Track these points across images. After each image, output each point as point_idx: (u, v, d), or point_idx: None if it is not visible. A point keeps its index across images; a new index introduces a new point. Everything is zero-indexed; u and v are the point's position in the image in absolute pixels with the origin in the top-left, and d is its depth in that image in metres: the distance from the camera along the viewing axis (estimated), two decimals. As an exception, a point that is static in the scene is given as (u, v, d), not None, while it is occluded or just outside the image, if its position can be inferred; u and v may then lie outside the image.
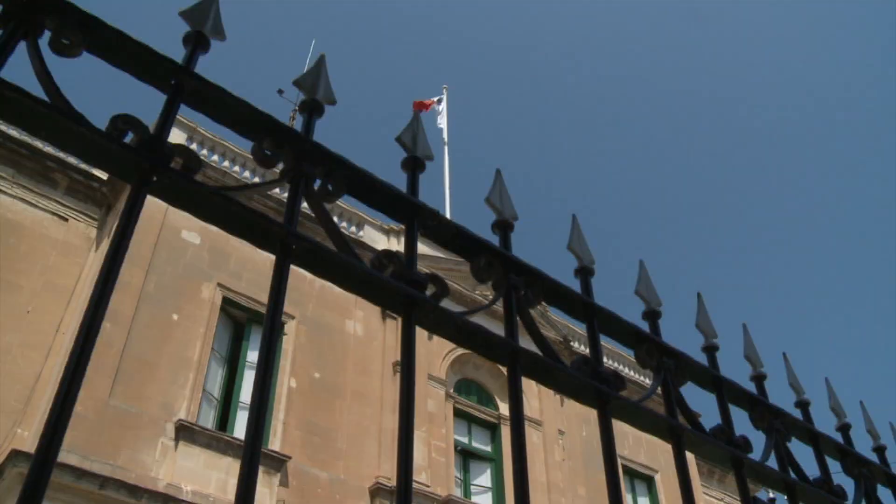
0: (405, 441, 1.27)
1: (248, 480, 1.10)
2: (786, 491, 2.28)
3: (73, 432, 12.02)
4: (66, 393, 1.02)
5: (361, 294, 1.37)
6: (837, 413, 2.70)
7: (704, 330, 2.23)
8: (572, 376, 1.56)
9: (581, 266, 1.83)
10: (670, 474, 21.98)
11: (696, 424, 1.91)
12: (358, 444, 15.40)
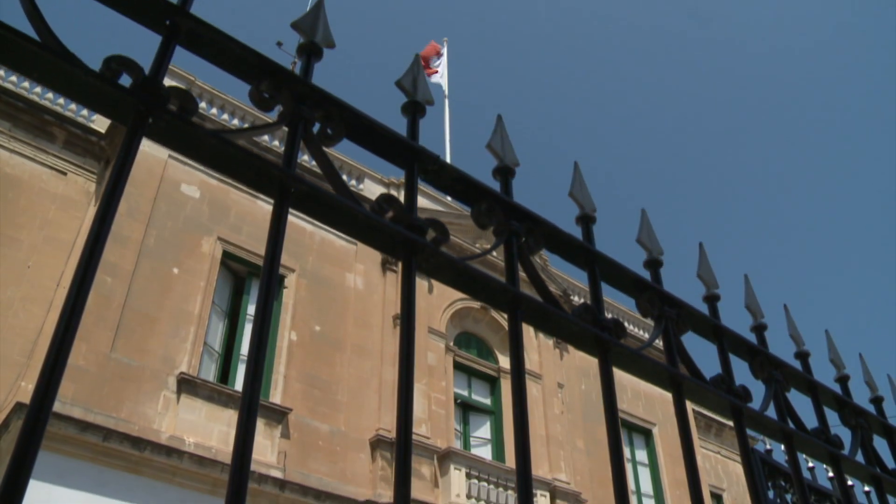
0: (405, 383, 1.27)
1: (246, 428, 1.09)
2: (784, 440, 2.29)
3: (75, 385, 12.12)
4: (64, 332, 1.01)
5: (361, 238, 1.35)
6: (836, 365, 2.71)
7: (706, 280, 2.22)
8: (573, 323, 1.55)
9: (582, 213, 1.82)
10: (668, 428, 22.22)
11: (697, 373, 1.91)
12: (358, 397, 15.53)
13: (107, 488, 11.74)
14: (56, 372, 1.01)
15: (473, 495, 15.57)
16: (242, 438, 1.08)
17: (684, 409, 1.84)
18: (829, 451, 2.49)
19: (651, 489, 20.91)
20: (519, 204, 1.61)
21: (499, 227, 1.56)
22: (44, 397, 0.98)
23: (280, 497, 13.28)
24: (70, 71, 1.16)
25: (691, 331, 2.06)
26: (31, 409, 0.98)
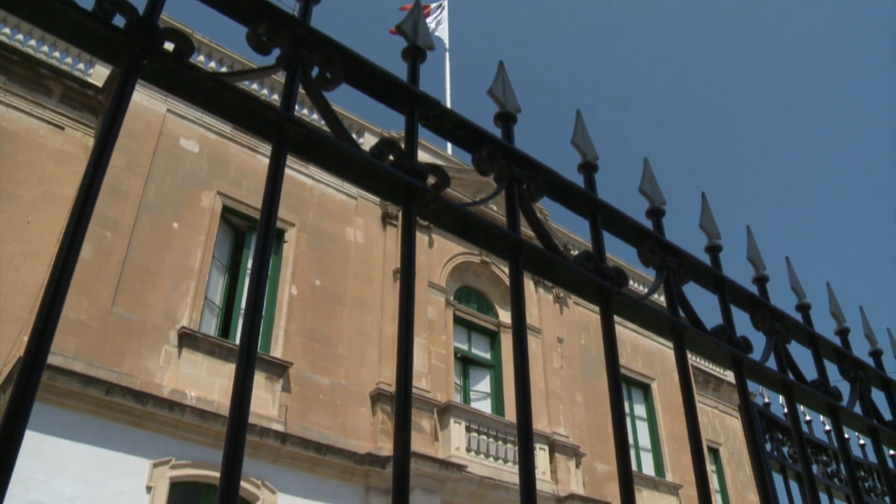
0: (405, 325, 1.26)
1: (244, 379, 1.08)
2: (784, 391, 2.29)
3: (77, 340, 12.18)
4: (59, 279, 1.00)
5: (360, 184, 1.33)
6: (837, 318, 2.71)
7: (708, 230, 2.20)
8: (575, 270, 1.54)
9: (585, 161, 1.79)
10: (666, 383, 22.39)
11: (698, 323, 1.91)
12: (359, 351, 15.62)
13: (110, 441, 11.87)
14: (50, 321, 1.00)
15: (473, 448, 15.75)
16: (241, 388, 1.07)
17: (685, 359, 1.84)
18: (827, 403, 2.49)
19: (649, 443, 21.15)
20: (521, 150, 1.59)
21: (500, 173, 1.54)
22: (37, 349, 0.97)
23: (281, 450, 13.42)
24: (62, 10, 1.13)
25: (693, 281, 2.05)
26: (25, 360, 0.97)
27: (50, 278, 1.01)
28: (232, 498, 0.99)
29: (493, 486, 15.47)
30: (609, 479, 18.93)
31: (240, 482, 1.00)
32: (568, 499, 16.53)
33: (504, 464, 16.07)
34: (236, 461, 1.01)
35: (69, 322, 12.25)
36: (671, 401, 22.23)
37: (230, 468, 1.01)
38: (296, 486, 13.46)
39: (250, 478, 12.98)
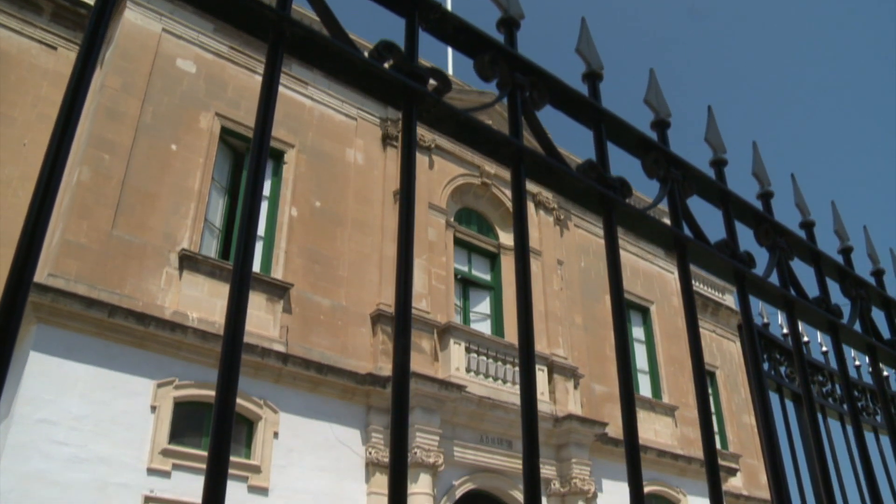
0: (405, 238, 1.24)
1: (238, 299, 1.06)
2: (785, 307, 2.29)
3: (78, 263, 12.21)
4: (44, 194, 0.97)
5: (359, 87, 1.29)
6: (840, 236, 2.69)
7: (713, 144, 2.16)
8: (578, 179, 1.51)
9: (589, 70, 1.74)
10: (665, 306, 22.55)
11: (701, 236, 1.89)
12: (359, 272, 15.68)
13: (114, 362, 12.01)
14: (35, 240, 0.97)
15: (473, 369, 15.95)
16: (235, 307, 1.05)
17: (688, 273, 1.83)
18: (828, 320, 2.50)
19: (647, 366, 21.41)
20: (524, 56, 1.54)
21: (502, 80, 1.50)
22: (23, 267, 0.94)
23: (283, 370, 13.59)
24: None
25: (697, 195, 2.02)
26: (10, 280, 0.94)
27: (33, 198, 0.98)
28: (227, 417, 0.98)
29: (492, 406, 15.72)
30: (607, 400, 19.23)
31: (235, 401, 0.99)
32: (566, 419, 16.81)
33: (503, 384, 16.30)
34: (231, 379, 1.00)
35: (70, 245, 12.27)
36: (669, 324, 22.43)
37: (225, 388, 1.00)
38: (297, 406, 13.68)
39: (252, 397, 13.18)
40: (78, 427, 11.31)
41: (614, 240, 1.57)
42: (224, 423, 0.96)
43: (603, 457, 17.88)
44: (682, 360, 22.05)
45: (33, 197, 1.01)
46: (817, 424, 2.39)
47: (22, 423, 10.90)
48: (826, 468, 2.26)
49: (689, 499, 19.72)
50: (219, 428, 0.94)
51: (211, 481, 0.91)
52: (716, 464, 1.66)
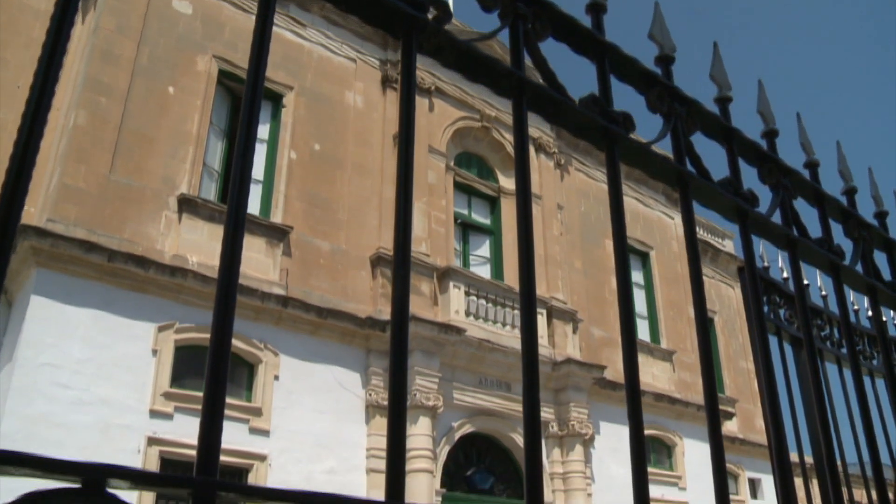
0: (404, 178, 1.20)
1: (233, 244, 1.03)
2: (788, 246, 2.27)
3: (77, 207, 12.17)
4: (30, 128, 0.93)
5: (358, 14, 1.24)
6: (845, 177, 2.66)
7: (718, 80, 2.11)
8: (580, 112, 1.47)
9: (593, 2, 1.69)
10: (665, 251, 22.58)
11: (704, 173, 1.86)
12: (359, 216, 15.65)
13: (115, 306, 12.05)
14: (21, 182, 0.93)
15: (472, 312, 16.02)
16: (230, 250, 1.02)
17: (690, 210, 1.80)
18: (830, 260, 2.48)
19: (645, 310, 21.51)
20: (525, -16, 1.49)
21: (504, 9, 1.45)
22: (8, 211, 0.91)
23: (283, 314, 13.65)
24: None
25: (700, 131, 1.99)
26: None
27: (17, 138, 0.94)
28: (223, 358, 0.96)
29: (492, 350, 15.83)
30: (605, 344, 19.36)
31: (231, 344, 0.96)
32: (564, 363, 16.94)
33: (502, 328, 16.39)
34: (227, 322, 0.97)
35: (68, 189, 12.21)
36: (669, 269, 22.48)
37: (220, 329, 0.98)
38: (298, 349, 13.77)
39: (253, 340, 13.27)
40: (80, 370, 11.40)
41: (616, 175, 1.54)
42: (220, 361, 0.94)
43: (601, 400, 18.07)
44: (681, 305, 22.15)
45: (17, 137, 0.97)
46: (818, 366, 2.38)
47: (25, 367, 10.98)
48: (825, 410, 2.26)
49: (684, 442, 19.98)
50: (214, 365, 0.91)
51: (207, 420, 0.89)
52: (716, 407, 1.65)
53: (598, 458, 17.58)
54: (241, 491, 0.84)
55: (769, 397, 1.87)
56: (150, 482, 0.79)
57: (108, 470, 0.78)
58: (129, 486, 0.81)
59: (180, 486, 0.82)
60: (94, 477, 0.78)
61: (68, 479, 0.78)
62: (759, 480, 22.71)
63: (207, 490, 0.82)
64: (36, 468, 0.74)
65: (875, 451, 2.43)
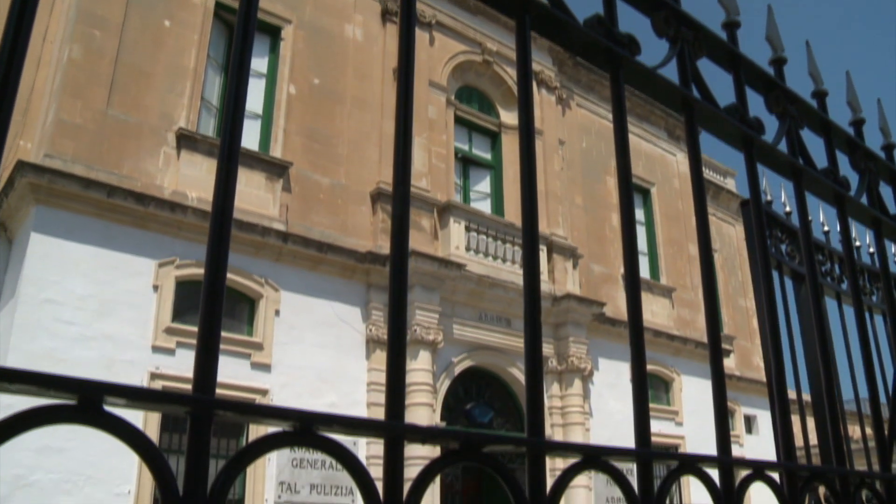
0: (403, 117, 1.17)
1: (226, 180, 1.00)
2: (793, 176, 2.24)
3: (74, 143, 12.08)
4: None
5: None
6: (853, 107, 2.62)
7: (726, 5, 2.06)
8: (585, 33, 1.42)
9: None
10: (666, 188, 22.51)
11: (710, 98, 1.82)
12: (359, 150, 15.55)
13: (115, 242, 12.05)
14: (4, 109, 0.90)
15: (472, 247, 16.04)
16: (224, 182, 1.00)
17: (696, 137, 1.77)
18: (835, 191, 2.45)
19: (646, 247, 21.53)
20: None
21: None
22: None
23: (283, 249, 13.66)
24: None
25: (707, 57, 1.94)
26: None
27: None
28: (219, 274, 0.94)
29: (491, 285, 15.89)
30: (605, 280, 19.43)
31: (225, 277, 0.94)
32: (564, 298, 17.02)
33: (502, 263, 16.43)
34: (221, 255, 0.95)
35: (64, 125, 12.10)
36: (670, 206, 22.44)
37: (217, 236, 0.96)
38: (298, 284, 13.83)
39: (253, 276, 13.31)
40: (83, 307, 11.46)
41: (621, 99, 1.51)
42: (216, 278, 0.92)
43: (600, 336, 18.20)
44: (681, 242, 22.17)
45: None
46: (819, 298, 2.38)
47: (28, 304, 11.03)
48: (827, 345, 2.26)
49: (682, 378, 20.20)
50: (210, 285, 0.90)
51: (204, 338, 0.88)
52: (718, 342, 1.64)
53: (596, 394, 17.79)
54: (238, 409, 0.83)
55: (770, 324, 1.87)
56: (148, 400, 0.78)
57: (105, 387, 0.77)
58: (126, 404, 0.80)
59: (178, 405, 0.81)
60: (90, 394, 0.77)
61: (65, 396, 0.77)
62: (755, 417, 23.04)
63: (205, 408, 0.81)
64: (32, 384, 0.73)
65: (874, 387, 2.43)
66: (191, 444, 0.81)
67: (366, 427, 0.94)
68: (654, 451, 1.35)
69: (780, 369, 1.97)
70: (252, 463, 0.87)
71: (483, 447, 1.05)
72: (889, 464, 2.57)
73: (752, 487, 1.59)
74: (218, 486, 0.81)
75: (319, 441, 0.88)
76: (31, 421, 0.74)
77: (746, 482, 1.69)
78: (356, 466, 0.91)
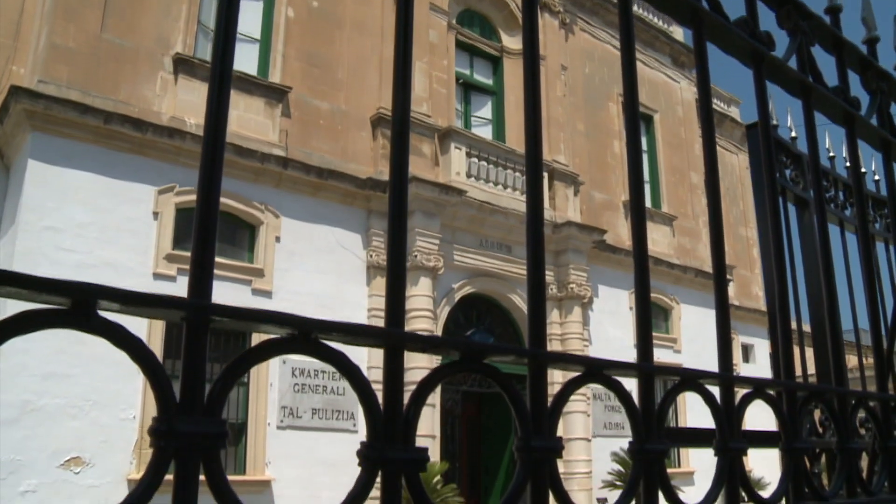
0: (403, 44, 1.12)
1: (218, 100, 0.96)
2: (802, 94, 2.20)
3: (69, 68, 11.90)
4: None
5: None
6: (868, 24, 2.55)
7: (738, -88, 1.98)
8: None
9: None
10: (669, 115, 22.31)
11: (720, 11, 1.77)
12: (359, 75, 15.34)
13: (114, 169, 11.99)
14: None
15: (473, 174, 15.96)
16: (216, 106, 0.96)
17: (704, 51, 1.72)
18: (845, 110, 2.40)
19: (648, 175, 21.42)
20: None
21: None
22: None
23: (283, 175, 13.60)
24: None
25: (717, -31, 1.87)
26: None
27: None
28: (216, 160, 0.91)
29: (492, 211, 15.87)
30: (605, 208, 19.39)
31: (219, 202, 0.91)
32: (565, 225, 17.02)
33: (503, 189, 16.37)
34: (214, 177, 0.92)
35: (57, 49, 11.90)
36: (673, 134, 22.25)
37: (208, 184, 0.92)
38: (298, 210, 13.80)
39: (253, 202, 13.27)
40: (83, 234, 11.45)
41: (627, 6, 1.45)
42: (213, 158, 0.89)
43: (600, 263, 18.26)
44: (683, 170, 22.07)
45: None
46: (824, 220, 2.35)
47: (28, 231, 11.03)
48: (831, 272, 2.24)
49: (681, 306, 20.33)
50: (206, 171, 0.87)
51: (200, 238, 0.86)
52: (723, 273, 1.62)
53: (595, 321, 17.93)
54: (235, 314, 0.81)
55: (774, 233, 1.85)
56: (142, 304, 0.76)
57: (98, 290, 0.75)
58: (120, 309, 0.78)
59: (173, 309, 0.79)
60: (83, 297, 0.75)
61: (57, 301, 0.75)
62: (752, 346, 23.29)
63: (201, 312, 0.79)
64: (21, 286, 0.71)
65: (875, 309, 2.43)
66: (187, 350, 0.80)
67: (365, 334, 0.92)
68: (656, 366, 1.34)
69: (782, 287, 1.96)
70: (250, 369, 0.86)
71: (484, 357, 1.03)
72: (886, 385, 2.58)
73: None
74: (215, 393, 0.79)
75: (318, 348, 0.86)
76: (20, 325, 0.72)
77: (747, 399, 1.69)
78: (355, 374, 0.90)
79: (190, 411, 0.77)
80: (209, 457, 0.78)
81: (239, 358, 0.82)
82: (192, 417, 0.77)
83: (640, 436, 1.28)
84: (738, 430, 1.58)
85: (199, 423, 0.77)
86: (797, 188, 3.33)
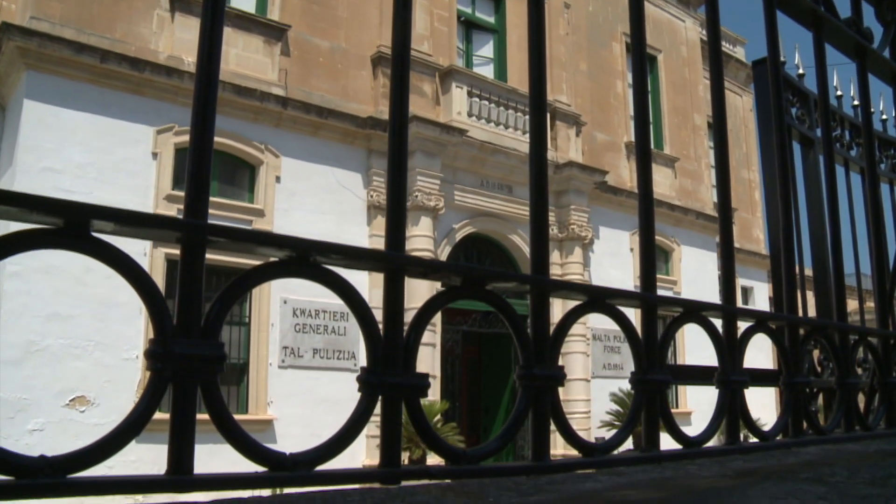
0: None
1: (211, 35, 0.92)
2: (813, 25, 2.15)
3: (61, 4, 11.70)
4: None
5: None
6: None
7: None
8: None
9: None
10: (673, 55, 22.02)
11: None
12: (359, 13, 15.10)
13: (112, 109, 11.88)
14: None
15: (474, 113, 15.82)
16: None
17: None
18: (857, 42, 2.36)
19: (651, 116, 21.18)
20: None
21: None
22: None
23: (283, 114, 13.48)
24: None
25: None
26: None
27: None
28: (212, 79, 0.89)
29: (493, 151, 15.77)
30: (607, 148, 19.26)
31: (213, 143, 0.89)
32: (566, 166, 16.92)
33: (505, 129, 16.24)
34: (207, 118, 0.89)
35: (48, -14, 11.69)
36: (676, 74, 21.97)
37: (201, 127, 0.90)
38: (298, 150, 13.71)
39: (253, 142, 13.18)
40: (82, 175, 11.40)
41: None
42: (208, 79, 0.87)
43: (601, 204, 18.20)
44: (686, 111, 21.86)
45: None
46: (833, 162, 2.32)
47: (27, 172, 10.97)
48: (835, 203, 2.22)
49: (682, 248, 20.33)
50: (202, 92, 0.85)
51: (195, 159, 0.83)
52: (729, 207, 1.60)
53: (596, 262, 17.94)
54: (232, 235, 0.80)
55: (780, 163, 1.82)
56: (138, 224, 0.75)
57: (92, 209, 0.73)
58: (114, 229, 0.76)
59: (169, 229, 0.77)
60: (77, 217, 0.73)
61: (50, 221, 0.73)
62: (752, 288, 23.37)
63: (197, 232, 0.77)
64: (13, 205, 0.69)
65: (880, 247, 2.42)
66: (183, 272, 0.78)
67: (365, 257, 0.90)
68: (659, 296, 1.33)
69: (787, 221, 1.94)
70: (249, 290, 0.84)
71: (486, 284, 1.02)
72: (888, 322, 2.58)
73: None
74: (213, 316, 0.78)
75: (317, 271, 0.85)
76: (12, 245, 0.70)
77: (749, 333, 1.69)
78: (355, 298, 0.88)
79: (187, 334, 0.76)
80: (207, 381, 0.77)
81: (237, 280, 0.80)
82: (190, 340, 0.76)
83: (642, 366, 1.27)
84: (740, 363, 1.58)
85: (196, 346, 0.76)
86: (803, 127, 3.29)
